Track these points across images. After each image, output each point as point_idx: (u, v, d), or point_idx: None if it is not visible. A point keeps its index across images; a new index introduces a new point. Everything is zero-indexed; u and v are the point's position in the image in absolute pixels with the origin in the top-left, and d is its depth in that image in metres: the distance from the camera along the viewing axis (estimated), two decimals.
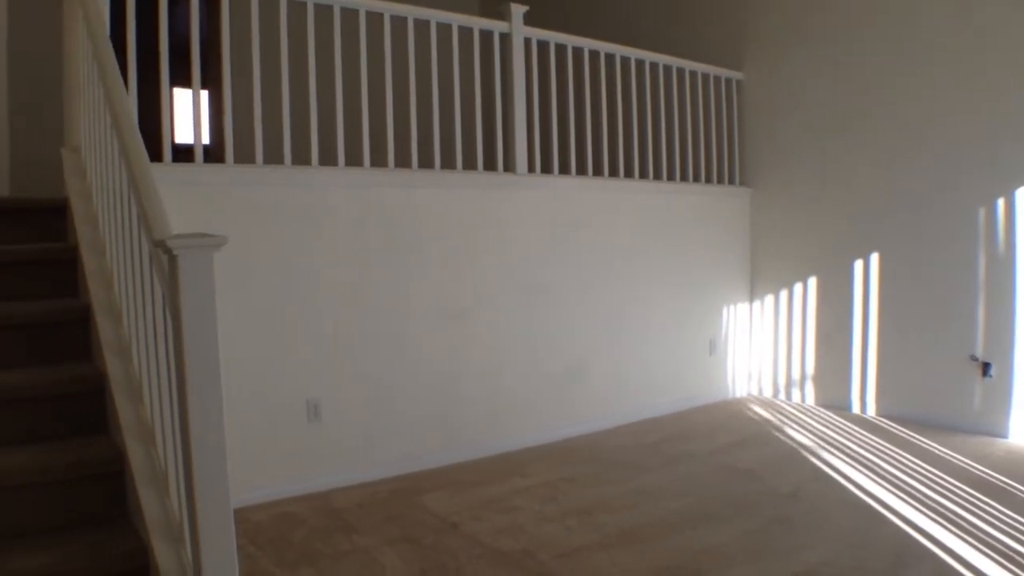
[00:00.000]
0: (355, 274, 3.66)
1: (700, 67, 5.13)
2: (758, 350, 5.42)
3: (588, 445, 4.26)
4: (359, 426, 3.67)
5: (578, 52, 4.57)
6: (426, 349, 3.89)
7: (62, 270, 2.79)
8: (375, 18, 3.74)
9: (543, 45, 4.39)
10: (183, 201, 2.80)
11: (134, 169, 2.04)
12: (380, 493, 3.50)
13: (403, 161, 3.92)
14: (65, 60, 3.13)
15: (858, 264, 4.76)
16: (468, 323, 4.03)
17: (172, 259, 1.65)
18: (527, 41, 4.28)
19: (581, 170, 4.86)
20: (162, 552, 1.93)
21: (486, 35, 4.18)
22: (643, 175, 4.95)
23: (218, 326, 1.70)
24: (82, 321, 2.59)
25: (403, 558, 2.79)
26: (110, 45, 2.54)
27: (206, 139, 4.16)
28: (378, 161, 3.87)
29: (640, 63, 4.86)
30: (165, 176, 2.72)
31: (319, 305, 3.55)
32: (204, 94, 4.97)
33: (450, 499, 3.42)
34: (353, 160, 3.83)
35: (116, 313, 2.43)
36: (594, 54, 4.66)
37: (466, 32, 4.09)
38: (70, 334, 2.58)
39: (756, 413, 4.92)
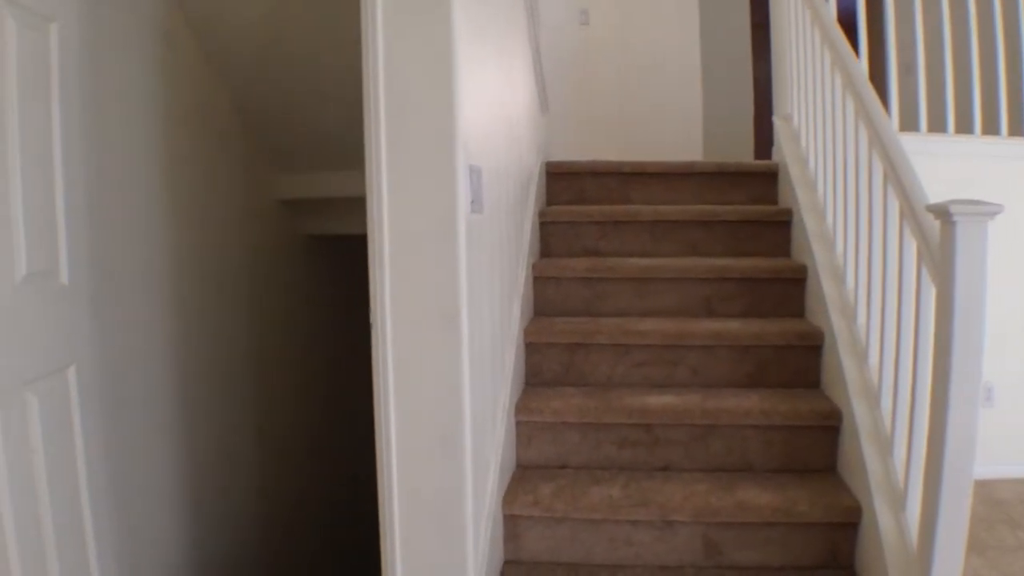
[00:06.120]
0: None
1: None
2: None
3: None
4: None
5: None
6: None
7: (773, 231, 2.98)
8: None
9: None
10: None
11: (880, 132, 2.04)
12: None
13: None
14: (774, 35, 3.33)
15: None
16: None
17: (948, 225, 1.59)
18: None
19: None
20: (881, 512, 1.94)
21: None
22: None
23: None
24: (796, 280, 2.73)
25: None
26: (828, 9, 2.60)
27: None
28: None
29: None
30: None
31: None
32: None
33: None
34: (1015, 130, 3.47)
35: (838, 273, 2.50)
36: None
37: None
38: (782, 291, 2.75)
39: None
